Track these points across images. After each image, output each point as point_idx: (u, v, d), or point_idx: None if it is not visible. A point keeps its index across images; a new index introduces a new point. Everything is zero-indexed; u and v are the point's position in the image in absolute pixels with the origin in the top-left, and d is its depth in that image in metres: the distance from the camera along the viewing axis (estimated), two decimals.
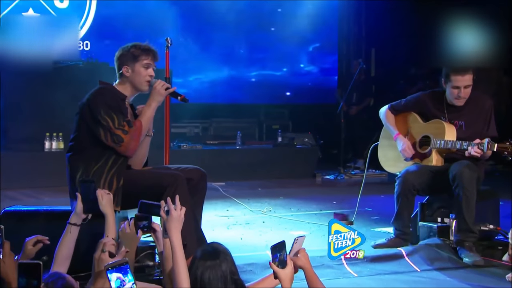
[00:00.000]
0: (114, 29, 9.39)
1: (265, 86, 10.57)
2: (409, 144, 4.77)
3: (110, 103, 3.65)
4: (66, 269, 3.07)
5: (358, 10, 11.07)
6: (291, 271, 2.92)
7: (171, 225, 2.92)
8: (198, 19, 9.95)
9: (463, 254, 4.38)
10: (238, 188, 7.57)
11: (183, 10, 9.83)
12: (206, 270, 2.70)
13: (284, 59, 10.72)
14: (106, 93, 3.74)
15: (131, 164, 3.91)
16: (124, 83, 3.87)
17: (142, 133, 3.75)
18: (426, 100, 4.79)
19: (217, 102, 10.30)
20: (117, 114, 3.63)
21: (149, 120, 3.83)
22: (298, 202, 6.68)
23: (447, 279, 4.05)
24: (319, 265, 4.22)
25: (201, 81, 10.24)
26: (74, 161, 3.72)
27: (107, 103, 3.64)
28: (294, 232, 5.25)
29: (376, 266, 4.28)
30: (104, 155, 3.68)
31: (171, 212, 2.94)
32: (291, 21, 10.52)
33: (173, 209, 2.95)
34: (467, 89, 4.53)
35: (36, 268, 2.29)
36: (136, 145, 3.69)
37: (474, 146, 4.35)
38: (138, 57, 3.85)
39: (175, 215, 2.93)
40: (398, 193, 4.59)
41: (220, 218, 5.77)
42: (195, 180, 4.00)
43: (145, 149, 3.96)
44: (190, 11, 9.88)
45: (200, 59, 10.08)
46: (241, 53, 10.48)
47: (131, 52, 3.86)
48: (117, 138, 3.61)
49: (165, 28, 9.75)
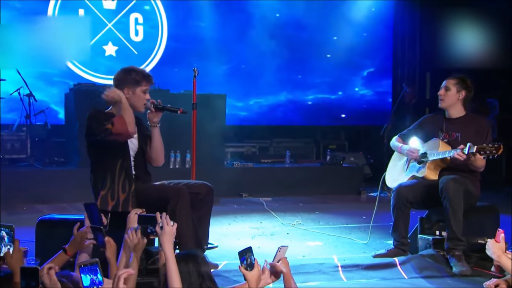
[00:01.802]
0: (181, 58, 10.14)
1: (321, 109, 10.98)
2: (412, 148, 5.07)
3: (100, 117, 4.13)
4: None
5: (412, 36, 11.25)
6: (258, 273, 3.25)
7: (164, 239, 3.22)
8: (258, 47, 10.50)
9: (452, 263, 4.64)
10: (281, 203, 7.98)
11: (244, 40, 10.46)
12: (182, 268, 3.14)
13: (339, 84, 11.09)
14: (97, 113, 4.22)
15: (152, 159, 4.43)
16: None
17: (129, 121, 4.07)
18: (427, 120, 5.18)
19: (276, 124, 10.81)
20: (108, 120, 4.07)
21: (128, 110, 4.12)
22: (331, 216, 7.02)
23: (427, 285, 4.33)
24: (316, 271, 4.62)
25: (261, 105, 10.79)
26: (93, 178, 4.28)
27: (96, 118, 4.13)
28: (311, 242, 5.64)
29: (369, 273, 4.63)
30: (111, 166, 4.16)
31: (164, 227, 3.26)
32: (346, 48, 10.90)
33: (166, 225, 3.27)
34: (448, 91, 4.93)
35: (34, 271, 2.61)
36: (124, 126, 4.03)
37: (458, 150, 4.63)
38: (140, 82, 4.27)
39: (167, 230, 3.25)
40: (393, 206, 4.93)
41: (251, 229, 6.22)
42: (202, 194, 4.46)
43: (157, 141, 4.40)
44: (250, 40, 10.47)
45: (260, 85, 10.65)
46: (299, 78, 10.95)
47: (133, 77, 4.26)
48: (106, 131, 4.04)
49: (227, 57, 10.44)
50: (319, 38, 10.85)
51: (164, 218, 3.29)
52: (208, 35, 10.35)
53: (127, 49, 9.95)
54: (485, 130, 4.92)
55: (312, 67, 10.87)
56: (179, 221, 4.04)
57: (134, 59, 9.94)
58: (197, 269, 3.08)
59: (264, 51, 10.51)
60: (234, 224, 6.50)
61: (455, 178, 4.71)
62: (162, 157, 4.55)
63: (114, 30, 9.89)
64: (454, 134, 4.96)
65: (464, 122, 4.96)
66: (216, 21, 10.39)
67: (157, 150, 4.47)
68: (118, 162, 4.19)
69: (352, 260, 4.90)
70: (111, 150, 4.17)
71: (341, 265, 4.75)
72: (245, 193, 8.44)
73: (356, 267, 4.73)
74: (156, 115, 4.43)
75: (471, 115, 5.04)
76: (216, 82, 10.07)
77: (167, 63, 10.15)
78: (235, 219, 6.79)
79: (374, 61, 11.26)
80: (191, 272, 3.08)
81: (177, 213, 4.07)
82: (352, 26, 10.94)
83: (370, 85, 11.22)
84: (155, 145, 4.46)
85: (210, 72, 10.18)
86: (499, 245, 4.10)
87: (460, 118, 4.98)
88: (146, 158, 4.52)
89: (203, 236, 4.52)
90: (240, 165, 8.88)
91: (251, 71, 10.59)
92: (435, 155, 4.87)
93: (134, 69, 4.36)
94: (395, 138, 5.31)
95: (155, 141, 4.45)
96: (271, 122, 10.78)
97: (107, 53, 9.88)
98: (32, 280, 2.60)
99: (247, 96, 10.70)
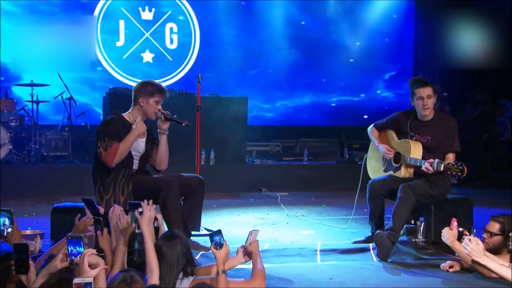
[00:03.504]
0: (212, 64, 10.73)
1: (344, 110, 11.35)
2: (387, 147, 5.45)
3: (108, 129, 4.71)
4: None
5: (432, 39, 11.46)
6: (225, 252, 3.64)
7: (143, 222, 3.62)
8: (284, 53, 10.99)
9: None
10: (295, 197, 8.41)
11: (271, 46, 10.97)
12: (164, 246, 3.68)
13: (361, 86, 11.45)
14: (110, 122, 4.80)
15: (156, 162, 4.97)
16: (136, 110, 4.89)
17: (120, 152, 4.64)
18: (401, 118, 5.49)
19: (301, 124, 11.25)
20: (108, 138, 4.65)
21: (129, 143, 4.69)
22: (335, 209, 7.41)
23: (387, 266, 4.72)
24: (296, 254, 5.09)
25: (287, 106, 11.27)
26: (94, 175, 4.84)
27: (105, 129, 4.71)
28: (304, 231, 6.08)
29: (343, 256, 5.06)
30: (114, 169, 4.70)
31: (144, 212, 3.64)
32: (368, 53, 11.26)
33: (146, 211, 3.65)
34: (430, 99, 5.19)
35: (24, 246, 3.14)
36: (111, 159, 4.62)
37: (428, 164, 4.98)
38: (154, 94, 4.86)
39: (146, 215, 3.64)
40: (368, 198, 5.34)
41: (256, 220, 6.70)
42: (194, 186, 4.99)
43: (163, 146, 4.95)
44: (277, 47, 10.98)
45: (286, 88, 11.15)
46: (323, 81, 11.37)
47: (149, 89, 4.84)
48: (99, 154, 4.66)
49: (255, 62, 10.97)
50: (343, 44, 11.26)
51: (144, 204, 3.70)
52: (237, 43, 10.95)
53: (163, 56, 10.63)
54: (453, 132, 5.25)
55: (336, 71, 11.29)
56: (169, 209, 4.63)
57: (169, 65, 10.65)
58: (178, 248, 3.50)
59: (290, 57, 11.02)
60: (243, 215, 6.99)
61: (411, 184, 5.09)
62: (166, 162, 5.07)
63: (151, 38, 10.58)
64: (425, 137, 5.28)
65: (435, 125, 5.28)
66: (245, 30, 11.00)
67: (162, 155, 5.01)
68: (121, 171, 4.74)
69: (332, 246, 5.35)
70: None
71: (321, 249, 5.22)
72: (265, 188, 8.90)
73: (333, 251, 5.18)
74: (164, 124, 4.99)
75: (439, 114, 5.35)
76: (245, 86, 10.65)
77: (199, 68, 10.70)
78: (245, 210, 7.28)
79: (396, 65, 11.57)
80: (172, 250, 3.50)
81: (167, 202, 4.62)
82: (374, 32, 11.30)
83: (392, 87, 11.53)
84: (161, 150, 4.99)
85: (239, 77, 10.80)
86: (452, 232, 4.51)
87: (431, 121, 5.30)
88: (149, 161, 5.07)
89: (195, 222, 5.04)
90: (260, 162, 9.37)
91: (277, 75, 11.09)
92: (407, 160, 5.22)
93: (151, 82, 4.94)
94: (371, 128, 5.68)
95: (162, 146, 4.99)
96: (296, 123, 11.26)
97: (145, 59, 10.58)
98: (22, 254, 3.14)
99: (273, 99, 11.21)
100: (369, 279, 4.39)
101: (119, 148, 4.67)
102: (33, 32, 9.95)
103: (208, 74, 10.74)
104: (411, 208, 5.05)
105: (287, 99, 11.28)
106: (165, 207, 4.61)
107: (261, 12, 11.00)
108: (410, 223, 5.47)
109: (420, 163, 5.07)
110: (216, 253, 3.63)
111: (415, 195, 5.04)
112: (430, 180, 5.17)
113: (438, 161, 4.92)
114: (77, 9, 10.37)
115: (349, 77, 11.37)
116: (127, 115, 4.94)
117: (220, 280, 3.55)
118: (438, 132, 5.26)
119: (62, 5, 10.32)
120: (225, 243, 3.68)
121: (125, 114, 4.95)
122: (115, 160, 4.66)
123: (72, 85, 9.80)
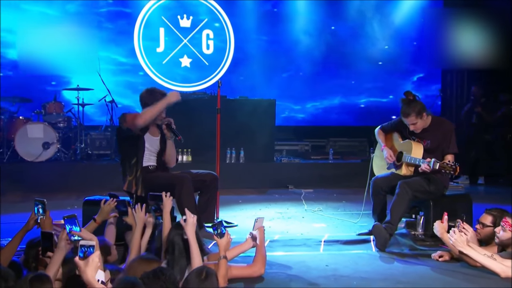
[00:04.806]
0: (246, 68, 11.21)
1: (373, 111, 11.62)
2: (391, 153, 5.82)
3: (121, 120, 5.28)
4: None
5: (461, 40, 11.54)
6: (227, 240, 4.06)
7: (188, 228, 3.90)
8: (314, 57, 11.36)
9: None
10: (318, 194, 8.75)
11: (302, 50, 11.35)
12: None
13: (390, 88, 11.69)
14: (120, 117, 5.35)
15: (165, 161, 5.47)
16: None
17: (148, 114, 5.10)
18: (402, 123, 5.81)
19: (330, 124, 11.60)
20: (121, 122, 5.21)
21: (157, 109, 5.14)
22: (352, 205, 7.70)
23: (383, 255, 5.08)
24: (302, 244, 5.50)
25: (317, 107, 11.63)
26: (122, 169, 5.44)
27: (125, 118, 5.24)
28: (316, 224, 6.47)
29: (345, 246, 5.46)
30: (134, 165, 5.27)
31: (188, 219, 3.95)
32: (397, 56, 11.50)
33: (189, 217, 3.95)
34: (414, 125, 5.55)
35: (50, 235, 3.67)
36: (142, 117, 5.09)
37: (425, 163, 5.32)
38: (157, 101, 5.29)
39: (190, 221, 3.94)
40: (371, 194, 5.72)
41: (275, 213, 7.11)
42: (208, 181, 5.51)
43: (169, 149, 5.47)
44: (307, 51, 11.36)
45: (316, 90, 11.53)
46: (352, 83, 11.68)
47: (153, 97, 5.29)
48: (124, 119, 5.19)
49: (286, 66, 11.38)
50: (372, 48, 11.54)
51: (188, 213, 4.01)
52: (269, 47, 11.41)
53: (200, 61, 11.17)
54: (449, 135, 5.59)
55: (365, 73, 11.57)
56: (183, 201, 5.13)
57: (205, 69, 11.17)
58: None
59: (319, 60, 11.39)
60: (264, 210, 7.41)
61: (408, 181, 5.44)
62: (174, 161, 5.64)
63: (189, 45, 11.13)
64: (425, 141, 5.64)
65: (433, 130, 5.63)
66: (277, 35, 11.44)
67: (169, 156, 5.59)
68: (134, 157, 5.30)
69: (337, 237, 5.74)
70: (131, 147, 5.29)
71: (325, 240, 5.61)
72: (291, 185, 9.30)
73: (336, 242, 5.57)
74: (168, 131, 5.51)
75: (436, 119, 5.68)
76: (276, 88, 11.08)
77: (234, 72, 11.25)
78: (268, 205, 7.71)
79: (424, 67, 11.76)
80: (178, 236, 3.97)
81: (182, 195, 5.12)
82: (403, 36, 11.53)
83: (420, 89, 11.71)
84: (167, 153, 5.56)
85: (271, 80, 11.23)
86: (442, 225, 4.85)
87: (429, 127, 5.64)
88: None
89: (210, 214, 5.55)
90: (287, 161, 9.79)
91: (308, 78, 11.47)
92: (408, 159, 5.57)
93: (155, 90, 5.42)
94: (378, 130, 6.09)
95: (168, 150, 5.55)
96: (326, 123, 11.60)
97: (183, 64, 11.14)
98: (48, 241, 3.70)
99: (304, 100, 11.59)
100: (362, 266, 4.77)
101: (148, 109, 5.14)
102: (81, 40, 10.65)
103: (241, 77, 11.28)
104: (408, 203, 5.39)
105: (317, 100, 11.65)
106: (180, 200, 5.11)
107: (292, 18, 11.37)
108: (410, 217, 5.83)
109: (418, 162, 5.42)
110: (218, 241, 4.04)
111: (412, 191, 5.38)
112: (428, 177, 5.50)
113: (435, 161, 5.26)
114: (121, 19, 11.04)
115: (377, 79, 11.64)
116: None
117: (221, 264, 3.98)
118: (436, 136, 5.60)
119: (107, 15, 11.01)
120: (227, 232, 4.09)
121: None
122: (145, 120, 5.10)
123: (116, 88, 10.49)
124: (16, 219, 6.21)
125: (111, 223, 4.82)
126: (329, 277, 4.43)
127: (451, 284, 4.32)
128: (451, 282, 4.35)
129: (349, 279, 4.39)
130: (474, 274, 4.50)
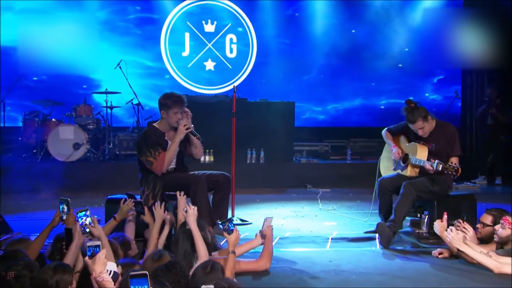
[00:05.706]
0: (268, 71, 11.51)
1: (393, 113, 11.74)
2: (399, 151, 6.05)
3: (148, 141, 5.55)
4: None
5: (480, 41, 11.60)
6: (235, 235, 4.34)
7: (189, 218, 4.18)
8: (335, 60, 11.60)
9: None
10: (335, 193, 8.99)
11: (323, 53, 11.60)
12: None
13: (410, 90, 11.85)
14: (146, 134, 5.63)
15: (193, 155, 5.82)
16: (162, 120, 5.73)
17: (167, 160, 5.51)
18: (408, 128, 6.04)
19: (351, 125, 11.82)
20: (152, 147, 5.48)
21: (173, 151, 5.56)
22: (366, 204, 7.76)
23: (386, 252, 5.32)
24: (310, 241, 5.76)
25: (337, 109, 11.87)
26: (140, 182, 5.76)
27: (146, 142, 5.55)
28: (327, 223, 6.72)
29: (350, 244, 5.70)
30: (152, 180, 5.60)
31: (188, 210, 4.25)
32: (417, 58, 11.64)
33: (189, 209, 4.26)
34: (422, 129, 5.77)
35: (70, 231, 4.04)
36: (161, 166, 5.48)
37: (429, 163, 5.56)
38: (171, 107, 5.64)
39: (190, 212, 4.24)
40: (377, 194, 5.97)
41: (290, 212, 7.37)
42: (221, 182, 5.83)
43: (197, 146, 5.81)
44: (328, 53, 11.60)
45: (337, 92, 11.76)
46: (372, 86, 11.87)
47: (166, 102, 5.63)
48: (149, 163, 5.52)
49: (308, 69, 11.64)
50: (392, 50, 11.70)
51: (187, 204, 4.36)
52: (291, 51, 11.71)
53: (223, 64, 11.51)
54: (453, 138, 5.82)
55: (385, 75, 11.76)
56: (198, 200, 5.45)
57: (229, 73, 11.51)
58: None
59: (340, 63, 11.61)
60: (280, 208, 7.69)
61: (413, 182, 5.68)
62: (201, 154, 6.01)
63: (213, 49, 11.48)
64: (430, 144, 5.88)
65: (437, 134, 5.85)
66: (298, 39, 11.72)
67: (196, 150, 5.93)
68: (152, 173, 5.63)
69: (344, 235, 5.99)
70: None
71: (333, 237, 5.87)
72: (309, 185, 9.56)
73: (343, 240, 5.82)
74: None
75: (440, 123, 5.90)
76: (298, 90, 11.36)
77: (256, 75, 11.55)
78: (284, 204, 7.98)
79: (444, 69, 11.88)
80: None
81: (196, 195, 5.45)
82: (423, 38, 11.64)
83: (440, 90, 11.87)
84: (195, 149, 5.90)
85: (292, 82, 11.51)
86: (442, 224, 5.08)
87: (433, 131, 5.86)
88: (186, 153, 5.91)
89: (223, 212, 5.88)
90: (306, 161, 10.06)
91: (328, 80, 11.72)
92: (413, 161, 5.81)
93: (170, 96, 5.71)
94: (385, 131, 6.33)
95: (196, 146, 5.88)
96: (346, 124, 11.83)
97: (207, 68, 11.51)
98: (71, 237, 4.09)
99: (325, 102, 11.84)
100: (364, 262, 5.01)
101: (166, 156, 5.55)
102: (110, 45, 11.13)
103: (263, 80, 11.59)
104: (411, 203, 5.63)
105: (338, 102, 11.89)
106: (195, 199, 5.44)
107: (314, 22, 11.63)
108: (416, 216, 6.05)
109: (423, 163, 5.66)
110: (227, 237, 4.33)
111: (416, 191, 5.61)
112: (432, 178, 5.73)
113: (438, 162, 5.50)
114: (149, 24, 11.46)
115: (398, 81, 11.81)
116: (157, 124, 5.80)
117: (229, 259, 4.24)
118: (440, 139, 5.83)
119: (136, 21, 11.46)
120: (235, 228, 4.37)
121: (156, 123, 5.82)
122: (163, 168, 5.54)
123: (143, 91, 10.94)
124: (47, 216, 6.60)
125: (130, 221, 5.17)
126: (330, 272, 4.70)
127: (445, 278, 4.55)
128: (446, 277, 4.58)
129: (349, 274, 4.65)
130: (469, 270, 4.71)
